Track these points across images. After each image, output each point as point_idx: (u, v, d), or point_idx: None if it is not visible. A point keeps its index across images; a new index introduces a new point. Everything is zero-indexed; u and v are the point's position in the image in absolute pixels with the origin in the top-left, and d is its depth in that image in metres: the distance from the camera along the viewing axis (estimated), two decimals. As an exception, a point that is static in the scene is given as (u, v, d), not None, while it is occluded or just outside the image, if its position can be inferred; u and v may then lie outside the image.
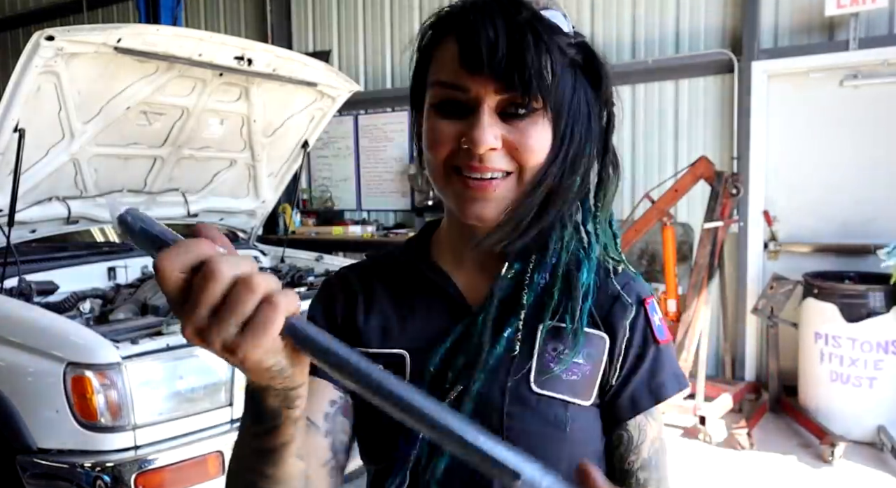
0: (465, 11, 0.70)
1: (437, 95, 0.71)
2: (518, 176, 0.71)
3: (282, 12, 6.26)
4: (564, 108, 0.71)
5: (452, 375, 0.74)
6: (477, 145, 0.68)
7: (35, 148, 2.73)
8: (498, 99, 0.69)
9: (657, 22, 4.66)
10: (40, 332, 2.34)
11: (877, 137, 4.12)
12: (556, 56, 0.69)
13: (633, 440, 0.78)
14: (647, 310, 0.80)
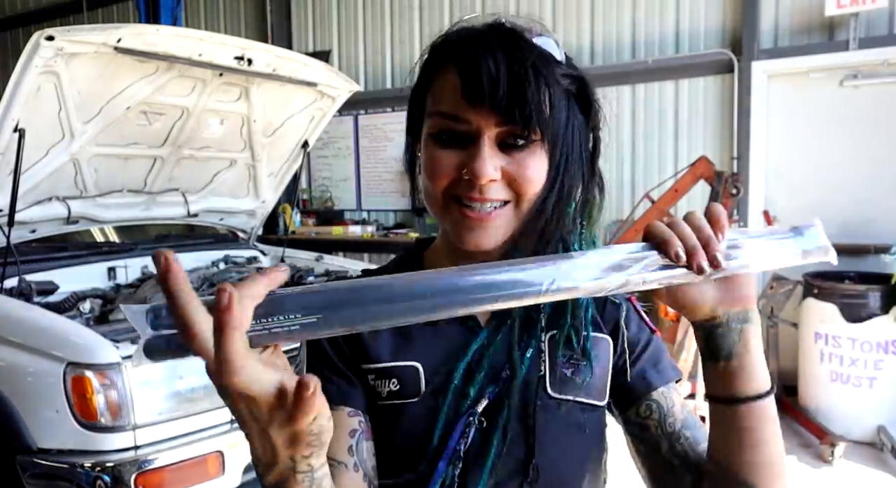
0: (466, 42, 0.71)
1: (437, 125, 0.73)
2: (515, 205, 0.73)
3: (282, 12, 6.26)
4: (560, 138, 0.73)
5: (474, 390, 0.75)
6: (478, 177, 0.69)
7: (35, 148, 2.73)
8: (497, 131, 0.70)
9: (657, 22, 4.66)
10: (40, 332, 2.34)
11: (877, 137, 4.12)
12: (554, 89, 0.71)
13: (662, 407, 0.80)
14: (635, 306, 0.85)
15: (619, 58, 4.77)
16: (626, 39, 4.77)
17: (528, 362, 0.77)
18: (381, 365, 0.78)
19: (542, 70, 0.70)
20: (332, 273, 3.63)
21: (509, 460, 0.74)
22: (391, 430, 0.76)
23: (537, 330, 0.78)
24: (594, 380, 0.79)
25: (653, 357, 0.83)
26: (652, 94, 4.71)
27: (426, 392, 0.76)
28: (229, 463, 2.40)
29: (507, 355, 0.77)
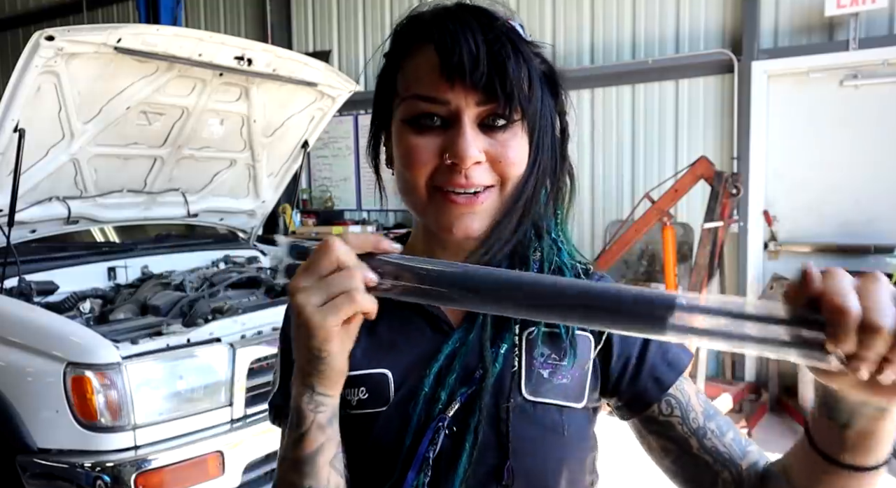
0: (440, 18, 0.68)
1: (412, 109, 0.69)
2: (500, 188, 0.71)
3: (282, 12, 6.26)
4: (538, 118, 0.71)
5: (445, 394, 0.72)
6: (463, 160, 0.66)
7: (35, 148, 2.73)
8: (478, 111, 0.67)
9: (657, 22, 4.66)
10: (40, 332, 2.34)
11: (877, 137, 4.12)
12: (531, 67, 0.69)
13: (680, 402, 0.77)
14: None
15: (619, 58, 4.77)
16: (626, 39, 4.77)
17: (501, 359, 0.73)
18: (350, 372, 0.74)
19: (520, 46, 0.68)
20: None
21: (482, 465, 0.71)
22: (362, 441, 0.74)
23: (511, 323, 0.75)
24: (571, 382, 0.75)
25: (660, 349, 0.78)
26: (652, 94, 4.71)
27: (395, 400, 0.74)
28: (229, 463, 2.40)
29: (480, 354, 0.73)
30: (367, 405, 0.75)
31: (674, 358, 0.79)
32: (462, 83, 0.65)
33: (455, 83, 0.66)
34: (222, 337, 2.51)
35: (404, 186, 0.72)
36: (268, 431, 2.56)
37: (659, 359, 0.78)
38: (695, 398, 0.78)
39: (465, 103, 0.67)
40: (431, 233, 0.76)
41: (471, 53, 0.65)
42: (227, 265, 3.67)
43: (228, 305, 2.82)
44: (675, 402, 0.77)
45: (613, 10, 4.81)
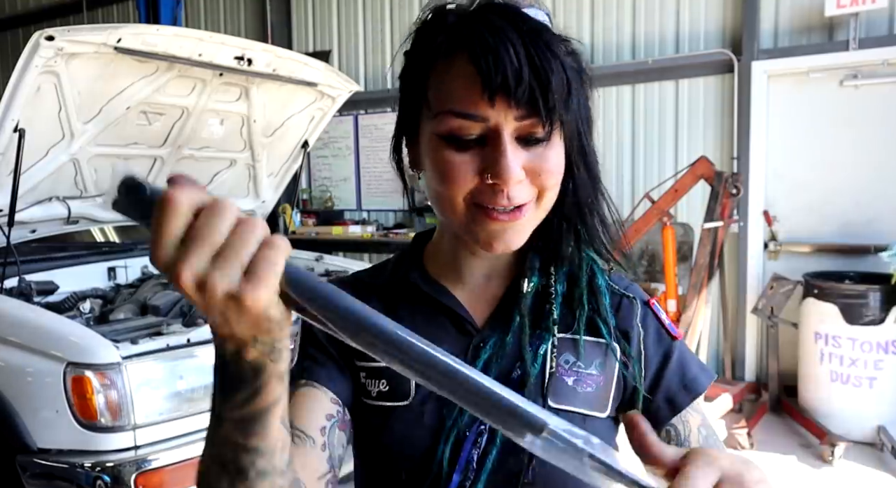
0: (472, 25, 0.63)
1: (447, 125, 0.65)
2: (537, 200, 0.68)
3: (282, 12, 6.26)
4: (577, 123, 0.68)
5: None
6: (506, 182, 0.64)
7: (35, 148, 2.73)
8: (517, 125, 0.64)
9: (657, 22, 4.66)
10: (40, 332, 2.34)
11: (877, 137, 4.12)
12: (571, 72, 0.65)
13: (679, 434, 0.75)
14: (654, 309, 0.79)
15: (619, 58, 4.77)
16: (626, 39, 4.77)
17: (540, 359, 0.72)
18: (374, 364, 0.75)
19: (556, 51, 0.63)
20: (333, 273, 3.63)
21: (501, 473, 0.70)
22: (379, 433, 0.74)
23: (550, 323, 0.73)
24: (595, 390, 0.73)
25: (680, 366, 0.76)
26: (652, 94, 4.71)
27: (419, 397, 0.73)
28: (229, 463, 2.40)
29: (518, 354, 0.72)
30: (387, 398, 0.74)
31: (692, 380, 0.76)
32: (504, 99, 0.62)
33: (495, 99, 0.62)
34: (222, 337, 2.51)
35: (440, 201, 0.69)
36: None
37: (676, 380, 0.76)
38: (695, 432, 0.75)
39: (505, 119, 0.63)
40: (460, 238, 0.74)
41: (514, 68, 0.61)
42: (227, 265, 3.67)
43: (228, 305, 2.81)
44: (675, 433, 0.75)
45: (613, 10, 4.80)
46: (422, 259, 0.81)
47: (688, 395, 0.76)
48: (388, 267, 0.83)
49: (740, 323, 4.48)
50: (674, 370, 0.76)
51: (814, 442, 3.64)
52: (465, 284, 0.78)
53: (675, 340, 0.78)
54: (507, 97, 0.62)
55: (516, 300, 0.75)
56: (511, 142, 0.64)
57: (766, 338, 4.18)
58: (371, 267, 0.87)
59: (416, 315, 0.76)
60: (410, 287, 0.78)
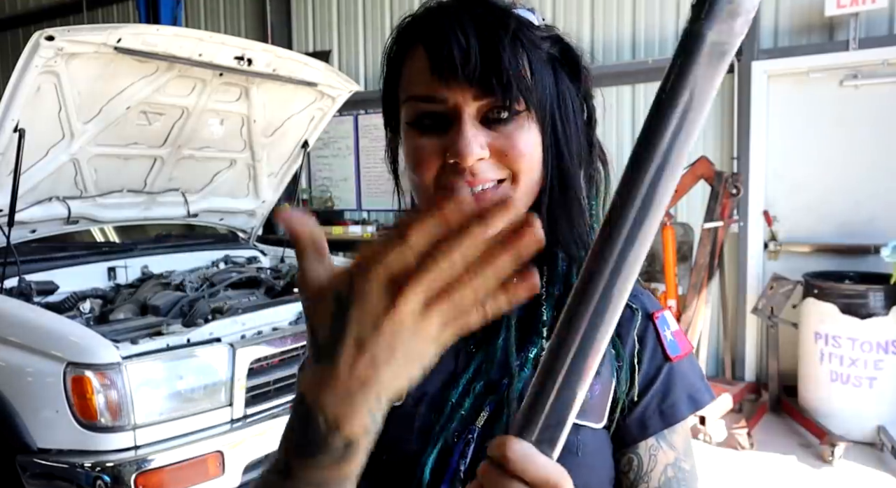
0: (431, 16, 0.66)
1: (413, 111, 0.67)
2: (512, 182, 0.67)
3: (282, 12, 6.26)
4: (548, 106, 0.67)
5: (469, 402, 0.69)
6: (464, 157, 0.64)
7: (35, 148, 2.73)
8: (478, 105, 0.65)
9: (657, 22, 4.66)
10: (40, 332, 2.34)
11: (877, 137, 4.12)
12: (533, 53, 0.65)
13: (642, 465, 0.70)
14: (657, 325, 0.74)
15: (619, 58, 4.77)
16: (626, 39, 4.77)
17: (530, 364, 0.69)
18: None
19: (518, 33, 0.64)
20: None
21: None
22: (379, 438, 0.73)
23: (540, 327, 0.70)
24: (591, 399, 0.69)
25: (663, 390, 0.71)
26: (652, 94, 4.65)
27: (411, 398, 0.72)
28: (229, 463, 2.40)
29: (505, 360, 0.69)
30: None
31: (670, 406, 0.71)
32: (456, 79, 0.63)
33: (449, 80, 0.64)
34: (222, 337, 2.52)
35: (414, 188, 0.71)
36: (268, 431, 2.56)
37: (655, 403, 0.71)
38: (658, 472, 0.70)
39: (463, 99, 0.64)
40: None
41: (461, 48, 0.62)
42: (227, 265, 3.67)
43: (228, 305, 2.82)
44: (637, 463, 0.70)
45: (613, 10, 4.80)
46: None
47: (660, 421, 0.70)
48: None
49: (740, 323, 4.48)
50: (655, 392, 0.71)
51: (814, 442, 3.64)
52: None
53: (670, 361, 0.72)
54: (459, 77, 0.63)
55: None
56: (472, 121, 0.65)
57: (766, 338, 4.18)
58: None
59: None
60: None
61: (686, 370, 0.74)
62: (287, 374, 2.68)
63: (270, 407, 2.62)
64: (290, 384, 2.69)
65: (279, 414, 2.62)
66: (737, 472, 3.41)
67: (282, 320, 2.80)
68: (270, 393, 2.63)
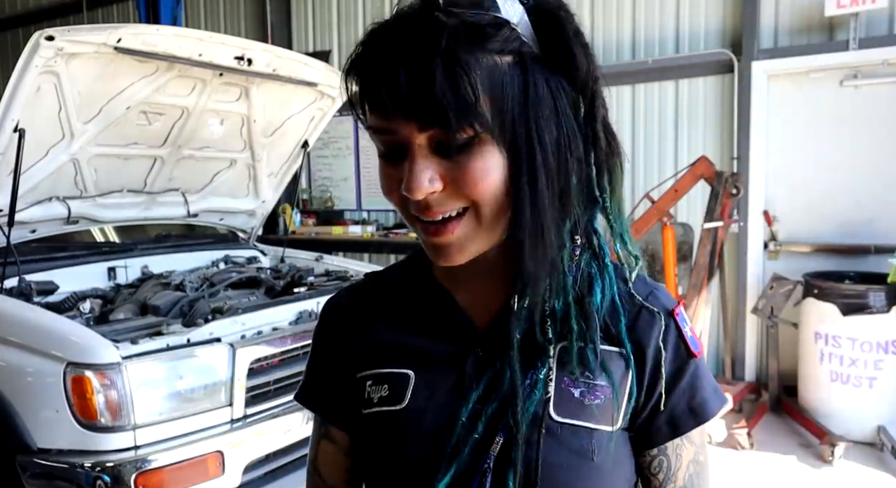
0: (365, 45, 0.62)
1: (376, 140, 0.65)
2: (475, 211, 0.63)
3: (282, 12, 6.26)
4: (509, 123, 0.61)
5: (483, 425, 0.67)
6: (412, 192, 0.61)
7: (35, 148, 2.73)
8: (426, 135, 0.60)
9: (657, 22, 4.66)
10: (40, 332, 2.34)
11: (877, 137, 4.12)
12: (483, 67, 0.58)
13: (671, 466, 0.71)
14: (678, 322, 0.72)
15: (619, 58, 4.77)
16: (626, 39, 4.77)
17: (541, 385, 0.67)
18: (381, 370, 0.75)
19: (457, 52, 0.57)
20: (332, 273, 3.63)
21: None
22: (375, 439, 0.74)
23: (545, 344, 0.68)
24: (604, 402, 0.68)
25: (691, 387, 0.71)
26: (652, 94, 4.71)
27: (411, 402, 0.72)
28: (229, 463, 2.40)
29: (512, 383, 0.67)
30: (385, 402, 0.73)
31: (700, 404, 0.71)
32: (393, 113, 0.59)
33: (388, 114, 0.60)
34: (222, 337, 2.52)
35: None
36: (268, 431, 2.56)
37: (684, 401, 0.70)
38: (683, 469, 0.71)
39: (409, 131, 0.60)
40: None
41: (386, 80, 0.58)
42: (227, 265, 3.67)
43: (228, 305, 2.82)
44: (666, 465, 0.71)
45: (613, 10, 4.80)
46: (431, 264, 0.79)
47: (692, 419, 0.71)
48: (400, 266, 0.84)
49: (740, 323, 4.48)
50: (683, 389, 0.70)
51: (814, 442, 3.64)
52: (469, 285, 0.75)
53: (692, 357, 0.71)
54: (397, 110, 0.59)
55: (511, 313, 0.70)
56: (424, 152, 0.61)
57: (766, 338, 4.18)
58: (390, 266, 0.88)
59: (417, 318, 0.76)
60: (414, 291, 0.78)
61: (704, 366, 0.73)
62: (287, 374, 2.68)
63: (270, 407, 2.62)
64: (290, 384, 2.69)
65: (279, 414, 2.62)
66: (737, 472, 3.41)
67: (282, 320, 2.80)
68: (270, 393, 2.63)
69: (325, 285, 3.34)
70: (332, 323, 0.83)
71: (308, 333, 2.76)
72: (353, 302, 0.83)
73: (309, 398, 0.85)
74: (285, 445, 2.64)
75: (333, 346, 0.82)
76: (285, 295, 3.20)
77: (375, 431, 0.74)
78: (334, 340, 0.82)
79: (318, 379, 0.84)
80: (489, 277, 0.73)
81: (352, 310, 0.82)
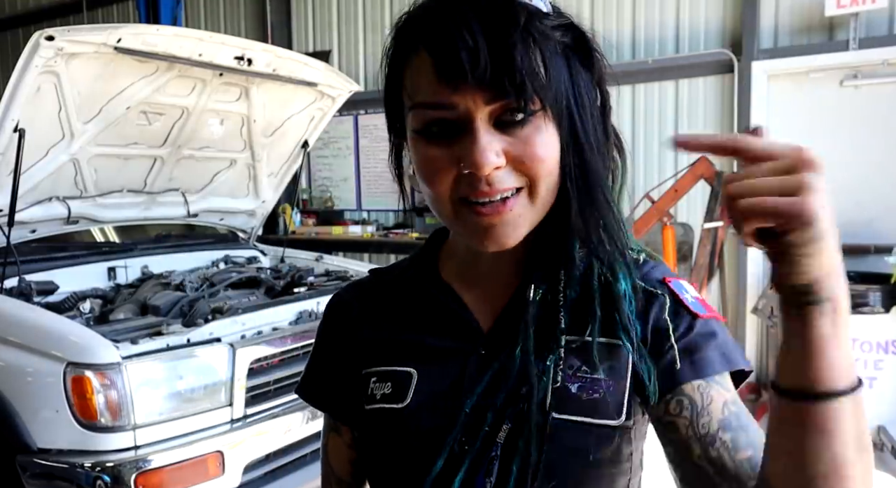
0: (432, 13, 0.61)
1: (421, 119, 0.63)
2: (530, 191, 0.63)
3: (282, 12, 6.26)
4: (564, 101, 0.63)
5: (492, 415, 0.67)
6: (479, 167, 0.60)
7: (35, 148, 2.73)
8: (490, 109, 0.60)
9: (657, 22, 4.66)
10: (40, 332, 2.34)
11: (877, 137, 4.12)
12: (546, 46, 0.61)
13: (696, 404, 0.65)
14: (672, 287, 0.70)
15: (619, 58, 4.77)
16: (626, 39, 4.77)
17: (550, 373, 0.66)
18: (385, 368, 0.75)
19: (529, 26, 0.59)
20: (332, 273, 3.63)
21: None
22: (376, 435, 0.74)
23: (558, 333, 0.67)
24: (603, 397, 0.66)
25: (688, 346, 0.67)
26: (652, 94, 4.71)
27: (413, 400, 0.72)
28: (229, 463, 2.40)
29: (524, 368, 0.66)
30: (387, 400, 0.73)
31: (700, 359, 0.66)
32: (465, 84, 0.59)
33: (458, 85, 0.59)
34: (222, 337, 2.52)
35: (430, 201, 0.66)
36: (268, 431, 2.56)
37: (682, 356, 0.67)
38: (718, 404, 0.65)
39: (474, 104, 0.60)
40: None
41: (468, 48, 0.57)
42: (227, 265, 3.67)
43: (228, 305, 2.82)
44: (688, 402, 0.65)
45: (613, 10, 4.80)
46: (437, 257, 0.80)
47: (691, 371, 0.66)
48: (405, 264, 0.83)
49: (740, 323, 4.48)
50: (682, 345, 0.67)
51: (814, 442, 3.64)
52: (475, 285, 0.75)
53: (695, 317, 0.68)
54: (467, 80, 0.58)
55: (523, 308, 0.70)
56: (486, 127, 0.61)
57: (766, 338, 4.18)
58: (394, 263, 0.87)
59: (422, 315, 0.76)
60: (421, 289, 0.77)
61: (716, 329, 0.69)
62: (287, 374, 2.68)
63: (270, 407, 2.62)
64: (290, 384, 2.69)
65: (279, 414, 2.62)
66: (737, 472, 3.41)
67: (282, 320, 2.80)
68: (270, 393, 2.63)
69: (325, 285, 3.34)
70: (336, 318, 0.84)
71: (308, 333, 2.76)
72: (357, 298, 0.83)
73: (309, 392, 0.86)
74: (285, 445, 2.64)
75: (337, 342, 0.82)
76: (285, 295, 3.20)
77: (377, 428, 0.74)
78: (338, 336, 0.82)
79: (319, 373, 0.84)
80: (496, 278, 0.73)
81: (356, 305, 0.82)
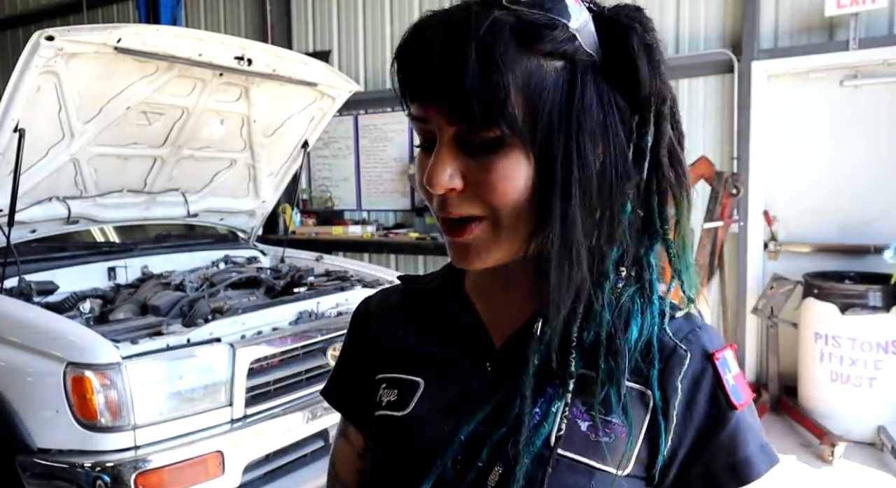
0: (409, 33, 0.59)
1: (415, 129, 0.63)
2: (493, 222, 0.59)
3: (282, 12, 6.26)
4: (542, 132, 0.56)
5: (488, 451, 0.63)
6: (433, 186, 0.58)
7: (35, 148, 2.73)
8: (453, 129, 0.57)
9: (657, 22, 4.58)
10: (40, 332, 2.34)
11: (877, 137, 4.12)
12: (521, 67, 0.55)
13: None
14: (717, 367, 0.63)
15: (619, 58, 4.77)
16: (626, 39, 4.77)
17: (552, 419, 0.61)
18: (395, 375, 0.75)
19: (500, 46, 0.54)
20: (332, 273, 3.63)
21: None
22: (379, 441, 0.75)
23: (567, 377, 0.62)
24: (613, 441, 0.61)
25: (730, 442, 0.62)
26: (652, 94, 4.71)
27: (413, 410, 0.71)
28: (229, 463, 2.40)
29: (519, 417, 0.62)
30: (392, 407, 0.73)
31: (742, 461, 0.61)
32: (428, 100, 0.58)
33: (424, 101, 0.58)
34: (222, 337, 2.51)
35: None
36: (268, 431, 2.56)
37: (723, 456, 0.62)
38: None
39: (441, 121, 0.58)
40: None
41: (424, 66, 0.56)
42: (227, 265, 3.67)
43: (228, 305, 2.82)
44: None
45: (613, 10, 4.80)
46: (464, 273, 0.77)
47: (733, 479, 0.61)
48: (435, 273, 0.81)
49: (740, 323, 4.48)
50: (722, 443, 0.62)
51: (814, 442, 3.64)
52: (493, 299, 0.71)
53: (733, 409, 0.62)
54: (430, 98, 0.57)
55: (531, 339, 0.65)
56: (448, 146, 0.58)
57: (766, 338, 4.18)
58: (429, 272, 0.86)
59: (437, 326, 0.75)
60: (439, 296, 0.76)
61: (751, 419, 0.64)
62: (287, 374, 2.68)
63: (270, 407, 2.62)
64: (290, 384, 2.69)
65: (279, 414, 2.62)
66: (737, 472, 3.41)
67: (282, 320, 2.80)
68: (270, 393, 2.63)
69: (325, 285, 3.34)
70: (358, 323, 0.85)
71: (308, 333, 2.77)
72: (380, 303, 0.84)
73: (331, 394, 0.88)
74: (285, 445, 2.64)
75: (357, 346, 0.84)
76: (285, 295, 3.20)
77: (379, 434, 0.74)
78: (358, 340, 0.84)
79: (342, 377, 0.86)
80: (517, 292, 0.69)
81: (377, 311, 0.83)
